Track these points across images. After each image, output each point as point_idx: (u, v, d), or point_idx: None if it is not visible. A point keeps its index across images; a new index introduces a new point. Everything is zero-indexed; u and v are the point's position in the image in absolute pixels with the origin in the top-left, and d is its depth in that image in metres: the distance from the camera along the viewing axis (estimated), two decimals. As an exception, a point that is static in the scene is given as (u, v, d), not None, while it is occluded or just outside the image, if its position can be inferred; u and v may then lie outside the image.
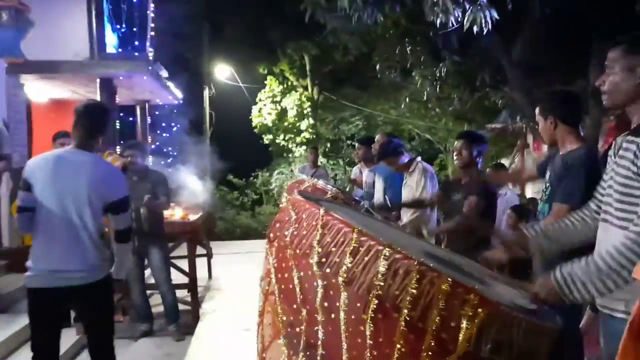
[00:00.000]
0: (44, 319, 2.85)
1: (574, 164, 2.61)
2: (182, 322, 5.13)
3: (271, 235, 1.82)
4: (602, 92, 1.91)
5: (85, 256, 2.80)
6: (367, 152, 5.63)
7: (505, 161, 9.74)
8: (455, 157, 3.89)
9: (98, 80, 6.41)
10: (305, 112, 14.84)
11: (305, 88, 15.19)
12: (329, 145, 15.71)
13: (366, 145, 5.69)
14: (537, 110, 2.87)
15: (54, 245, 2.77)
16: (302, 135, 14.74)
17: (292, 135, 14.87)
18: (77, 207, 2.76)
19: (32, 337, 2.87)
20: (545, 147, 5.11)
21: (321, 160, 13.47)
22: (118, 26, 7.24)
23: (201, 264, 6.55)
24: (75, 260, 2.78)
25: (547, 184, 2.83)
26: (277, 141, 15.05)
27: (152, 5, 8.05)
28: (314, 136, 14.82)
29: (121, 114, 8.08)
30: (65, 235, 2.77)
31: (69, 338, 4.25)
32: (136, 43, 7.57)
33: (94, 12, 6.55)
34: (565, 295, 1.72)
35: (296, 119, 14.78)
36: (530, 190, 8.52)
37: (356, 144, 6.11)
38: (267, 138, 15.15)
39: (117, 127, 6.84)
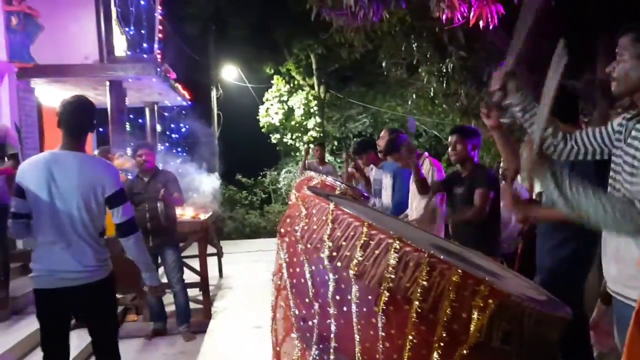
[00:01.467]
0: (50, 319, 2.86)
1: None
2: (193, 321, 5.17)
3: (282, 230, 1.84)
4: (612, 79, 1.93)
5: (83, 257, 2.78)
6: (370, 157, 5.54)
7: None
8: (450, 153, 3.89)
9: (107, 83, 6.47)
10: (312, 110, 14.88)
11: (312, 87, 15.22)
12: (336, 143, 15.73)
13: (364, 152, 5.52)
14: None
15: (52, 247, 2.76)
16: (309, 133, 14.78)
17: (300, 134, 14.92)
18: (71, 208, 2.74)
19: (41, 338, 2.88)
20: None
21: (328, 158, 13.50)
22: (126, 29, 7.30)
23: (212, 263, 6.61)
24: (72, 261, 2.76)
25: None
26: (285, 140, 15.10)
27: (159, 7, 8.10)
28: (321, 134, 14.85)
29: (131, 116, 8.15)
30: (62, 237, 2.75)
31: (82, 339, 4.28)
32: (144, 45, 7.63)
33: (102, 16, 6.61)
34: (549, 186, 1.79)
35: (303, 117, 14.82)
36: (538, 185, 8.47)
37: (355, 155, 5.80)
38: (274, 137, 15.20)
39: (128, 129, 6.90)
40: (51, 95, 7.25)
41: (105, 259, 2.90)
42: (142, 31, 7.61)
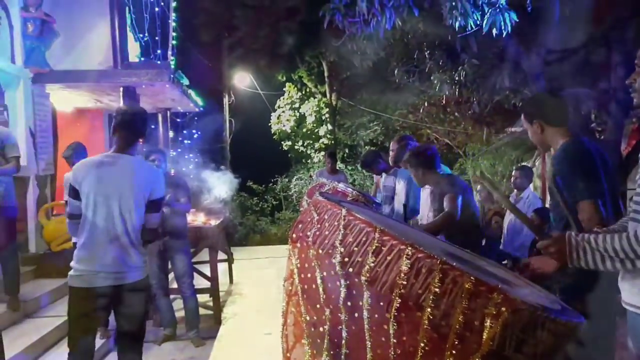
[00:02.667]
0: (86, 318, 2.90)
1: (558, 159, 2.57)
2: (204, 327, 5.17)
3: (294, 236, 1.84)
4: (633, 90, 1.91)
5: (130, 257, 2.88)
6: (379, 166, 5.53)
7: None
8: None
9: (121, 89, 6.52)
10: (323, 118, 14.92)
11: (324, 94, 15.26)
12: (347, 150, 15.73)
13: (373, 164, 5.55)
14: (522, 118, 2.81)
15: (99, 247, 2.84)
16: (321, 141, 14.81)
17: (311, 141, 14.96)
18: (122, 209, 2.85)
19: (70, 338, 2.92)
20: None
21: (339, 165, 13.50)
22: (140, 35, 7.38)
23: (222, 269, 6.61)
24: (119, 261, 2.85)
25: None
26: (296, 147, 15.14)
27: (173, 14, 8.18)
28: (332, 142, 14.87)
29: (143, 122, 8.18)
30: (110, 237, 2.84)
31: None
32: (158, 52, 7.70)
33: (117, 23, 6.67)
34: (572, 258, 1.77)
35: (315, 125, 14.86)
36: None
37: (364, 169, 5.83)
38: (286, 144, 15.25)
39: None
40: (66, 100, 7.33)
41: (146, 260, 3.03)
42: (156, 38, 7.69)
